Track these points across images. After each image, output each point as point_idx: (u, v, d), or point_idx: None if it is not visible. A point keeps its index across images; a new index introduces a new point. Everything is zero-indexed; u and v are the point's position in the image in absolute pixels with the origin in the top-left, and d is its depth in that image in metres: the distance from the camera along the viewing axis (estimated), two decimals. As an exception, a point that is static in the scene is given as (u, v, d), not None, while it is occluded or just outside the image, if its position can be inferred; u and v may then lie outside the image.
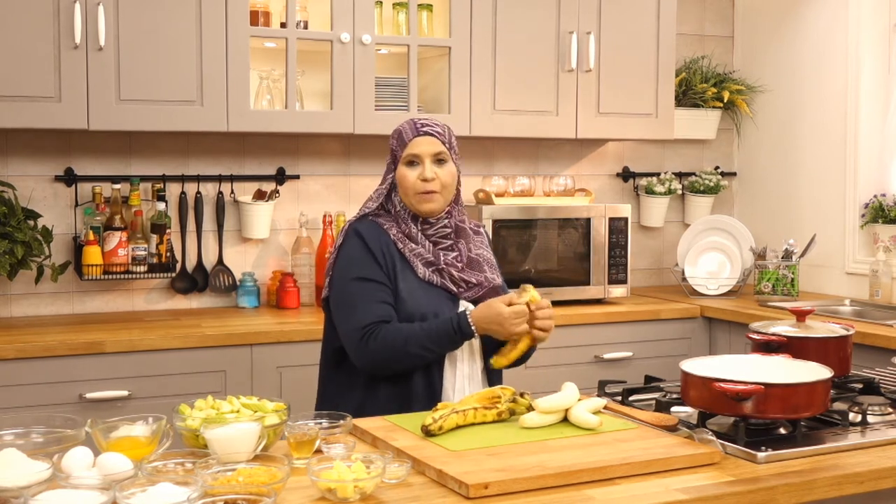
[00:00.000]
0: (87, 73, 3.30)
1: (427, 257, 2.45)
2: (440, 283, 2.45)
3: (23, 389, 3.05)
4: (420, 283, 2.44)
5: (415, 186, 2.44)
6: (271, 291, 3.88)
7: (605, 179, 4.57)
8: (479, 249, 2.55)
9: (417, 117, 2.52)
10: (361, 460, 1.71)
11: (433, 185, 2.43)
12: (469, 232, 2.55)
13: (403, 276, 2.43)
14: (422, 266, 2.45)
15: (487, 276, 2.52)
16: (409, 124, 2.48)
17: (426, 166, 2.43)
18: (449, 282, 2.46)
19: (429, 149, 2.45)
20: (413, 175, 2.44)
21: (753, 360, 2.21)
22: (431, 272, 2.45)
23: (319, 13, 3.73)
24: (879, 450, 1.97)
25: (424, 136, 2.45)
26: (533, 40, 3.93)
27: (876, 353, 3.27)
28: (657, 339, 3.94)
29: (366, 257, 2.42)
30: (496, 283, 2.53)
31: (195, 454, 1.78)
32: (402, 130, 2.49)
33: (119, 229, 3.58)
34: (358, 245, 2.44)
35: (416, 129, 2.46)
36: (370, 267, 2.41)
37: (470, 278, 2.48)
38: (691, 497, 1.70)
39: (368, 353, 2.36)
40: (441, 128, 2.49)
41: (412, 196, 2.45)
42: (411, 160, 2.45)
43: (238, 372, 3.30)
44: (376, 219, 2.49)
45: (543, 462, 1.80)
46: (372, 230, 2.46)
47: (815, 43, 4.38)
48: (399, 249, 2.45)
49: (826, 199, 4.34)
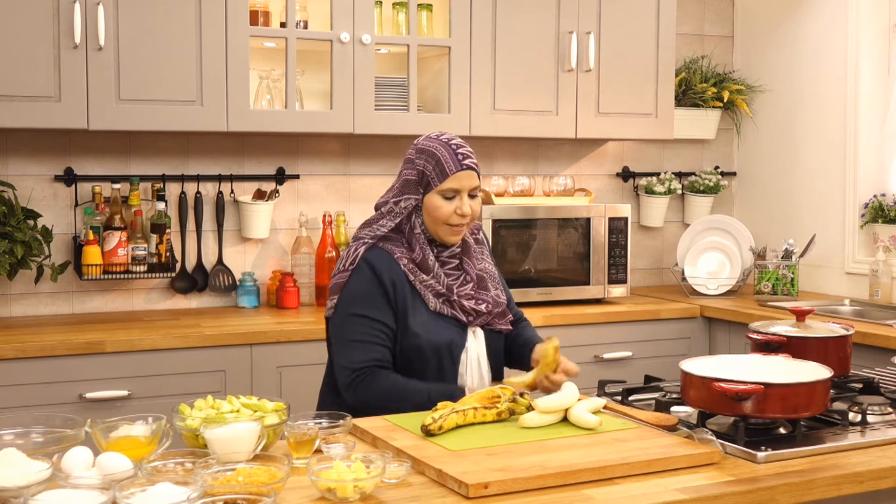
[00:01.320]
0: (86, 73, 3.30)
1: (438, 289, 2.41)
2: (450, 314, 2.42)
3: (22, 389, 3.05)
4: (431, 314, 2.41)
5: (450, 220, 2.39)
6: (271, 291, 3.88)
7: (605, 179, 4.57)
8: (482, 263, 2.53)
9: (452, 141, 2.42)
10: (361, 460, 1.71)
11: (467, 219, 2.40)
12: (472, 246, 2.52)
13: (414, 309, 2.39)
14: (432, 297, 2.41)
15: (492, 294, 2.49)
16: (451, 154, 2.39)
17: (464, 201, 2.39)
18: (460, 312, 2.43)
19: (468, 183, 2.40)
20: (449, 208, 2.38)
21: (753, 359, 2.21)
22: (441, 303, 2.42)
23: (319, 13, 3.73)
24: (879, 450, 1.97)
25: (467, 170, 2.39)
26: (533, 40, 3.93)
27: (876, 353, 3.27)
28: (657, 338, 3.94)
29: (374, 293, 2.36)
30: (501, 303, 2.51)
31: (195, 454, 1.78)
32: (442, 158, 2.39)
33: (119, 229, 3.58)
34: (368, 278, 2.37)
35: (458, 162, 2.38)
36: (377, 304, 2.36)
37: (479, 307, 2.45)
38: (691, 497, 1.70)
39: (359, 395, 2.34)
40: (475, 158, 2.43)
41: (441, 227, 2.40)
42: (451, 194, 2.38)
43: (238, 372, 3.30)
44: (387, 245, 2.41)
45: (543, 462, 1.80)
46: (383, 262, 2.38)
47: (815, 43, 4.38)
48: (410, 282, 2.40)
49: (826, 199, 4.34)
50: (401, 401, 2.29)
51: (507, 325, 2.53)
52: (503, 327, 2.52)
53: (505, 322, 2.52)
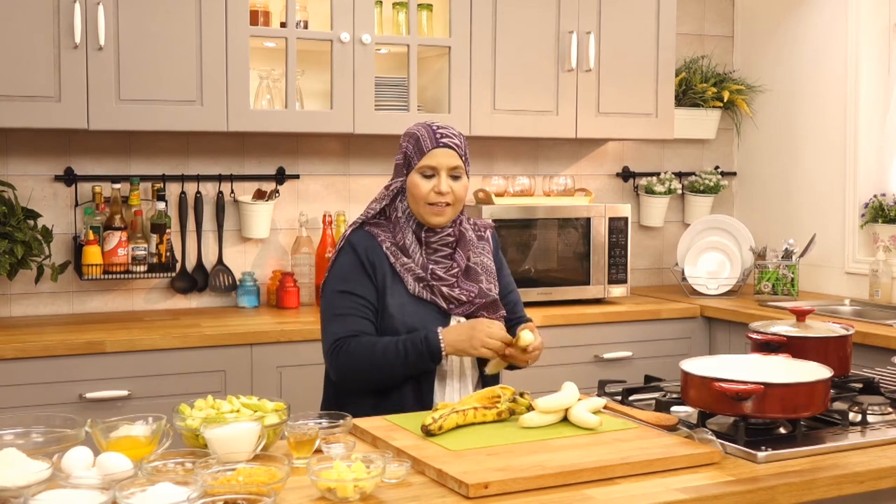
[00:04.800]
0: (86, 73, 3.30)
1: (418, 272, 2.42)
2: (430, 299, 2.43)
3: (22, 389, 3.05)
4: (410, 297, 2.42)
5: (427, 198, 2.41)
6: (271, 291, 3.87)
7: (605, 179, 4.57)
8: (480, 257, 2.53)
9: (435, 123, 2.47)
10: (361, 460, 1.71)
11: (446, 197, 2.41)
12: (471, 239, 2.52)
13: (393, 290, 2.42)
14: (412, 280, 2.42)
15: (483, 287, 2.48)
16: (428, 131, 2.43)
17: (442, 179, 2.40)
18: (439, 298, 2.43)
19: (446, 161, 2.41)
20: (427, 186, 2.41)
21: (753, 359, 2.21)
22: (422, 287, 2.43)
23: (319, 13, 3.73)
24: (879, 449, 1.97)
25: (444, 147, 2.41)
26: (533, 40, 3.93)
27: (876, 353, 3.27)
28: (657, 338, 3.94)
29: (354, 270, 2.41)
30: (491, 295, 2.49)
31: (195, 454, 1.78)
32: (420, 137, 2.43)
33: (119, 229, 3.58)
34: (350, 257, 2.43)
35: (435, 140, 2.41)
36: (357, 281, 2.41)
37: (460, 295, 2.44)
38: (691, 497, 1.70)
39: (339, 365, 2.37)
40: (458, 139, 2.45)
41: (422, 206, 2.42)
42: (428, 172, 2.42)
43: (238, 372, 3.30)
44: (373, 228, 2.46)
45: (543, 462, 1.80)
46: (366, 242, 2.44)
47: (815, 43, 4.38)
48: (391, 264, 2.43)
49: (826, 198, 4.34)
50: (374, 356, 2.32)
51: (496, 318, 2.49)
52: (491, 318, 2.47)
53: (495, 315, 2.49)
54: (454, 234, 2.48)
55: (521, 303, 2.65)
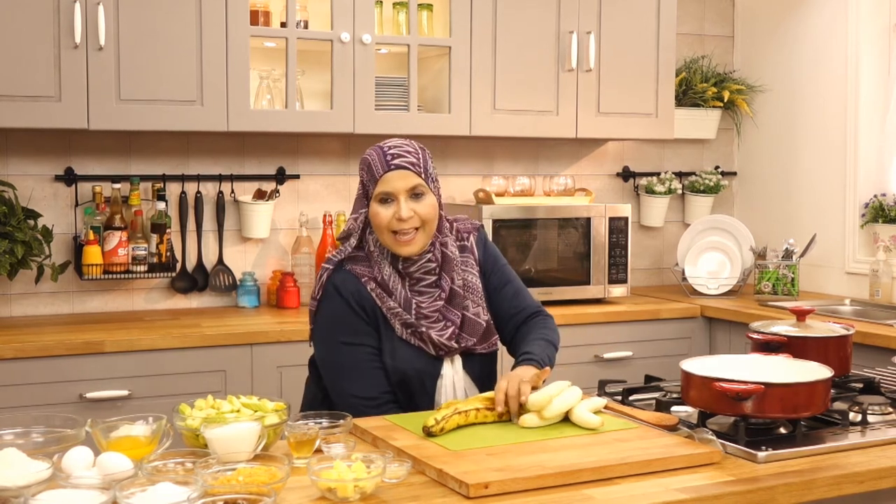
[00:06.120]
0: (87, 73, 3.30)
1: (404, 317, 2.26)
2: (418, 345, 2.29)
3: (22, 389, 3.05)
4: (401, 342, 2.29)
5: (390, 226, 2.22)
6: (271, 291, 3.88)
7: (605, 179, 4.57)
8: (465, 275, 2.36)
9: (388, 143, 2.27)
10: (361, 460, 1.71)
11: (410, 223, 2.22)
12: (454, 257, 2.34)
13: (385, 334, 2.29)
14: (399, 326, 2.28)
15: (469, 315, 2.32)
16: (378, 155, 2.24)
17: (401, 204, 2.21)
18: (428, 345, 2.28)
19: (402, 184, 2.22)
20: (387, 213, 2.22)
21: (753, 359, 2.21)
22: (409, 333, 2.28)
23: (319, 13, 3.73)
24: (879, 450, 1.97)
25: (396, 170, 2.22)
26: (533, 40, 3.93)
27: (876, 353, 3.27)
28: (657, 338, 3.94)
29: (348, 316, 2.27)
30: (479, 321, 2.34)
31: (195, 454, 1.78)
32: (372, 162, 2.25)
33: (119, 229, 3.58)
34: (339, 303, 2.27)
35: (385, 164, 2.22)
36: (356, 328, 2.27)
37: (450, 342, 2.28)
38: (691, 497, 1.70)
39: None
40: (414, 156, 2.24)
41: (387, 236, 2.24)
42: (384, 197, 2.23)
43: (238, 372, 3.30)
44: (354, 267, 2.29)
45: (543, 462, 1.80)
46: (350, 285, 2.27)
47: (815, 43, 4.38)
48: (378, 307, 2.28)
49: (826, 198, 4.34)
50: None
51: (490, 346, 2.38)
52: (485, 351, 2.37)
53: (488, 344, 2.37)
54: (435, 259, 2.30)
55: (522, 291, 2.49)
